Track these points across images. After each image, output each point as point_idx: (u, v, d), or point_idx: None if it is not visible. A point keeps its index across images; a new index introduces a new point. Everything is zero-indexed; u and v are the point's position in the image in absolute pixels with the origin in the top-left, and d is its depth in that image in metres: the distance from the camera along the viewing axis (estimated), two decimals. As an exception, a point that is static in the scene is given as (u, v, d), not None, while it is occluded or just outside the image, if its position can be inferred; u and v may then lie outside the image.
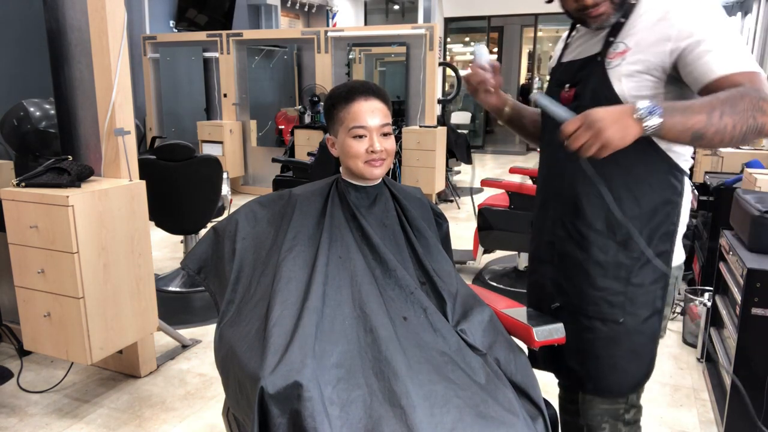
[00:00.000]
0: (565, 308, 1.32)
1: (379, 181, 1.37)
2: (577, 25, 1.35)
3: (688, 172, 1.24)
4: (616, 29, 1.20)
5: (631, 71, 1.16)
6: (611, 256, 1.23)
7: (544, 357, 1.41)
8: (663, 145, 1.19)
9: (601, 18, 1.20)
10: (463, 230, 4.85)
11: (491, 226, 3.44)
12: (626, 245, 1.22)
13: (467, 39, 12.72)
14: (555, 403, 1.30)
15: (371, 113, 1.28)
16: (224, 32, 6.23)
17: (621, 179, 1.20)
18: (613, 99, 1.16)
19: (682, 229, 1.26)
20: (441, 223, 1.50)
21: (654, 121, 0.98)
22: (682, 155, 1.22)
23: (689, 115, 0.99)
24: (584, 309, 1.28)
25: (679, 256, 1.29)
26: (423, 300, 1.25)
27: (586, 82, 1.22)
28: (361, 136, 1.28)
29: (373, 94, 1.30)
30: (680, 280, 1.33)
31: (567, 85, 1.27)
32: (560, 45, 1.42)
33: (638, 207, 1.21)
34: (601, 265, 1.24)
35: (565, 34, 1.41)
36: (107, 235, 2.13)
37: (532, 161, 8.75)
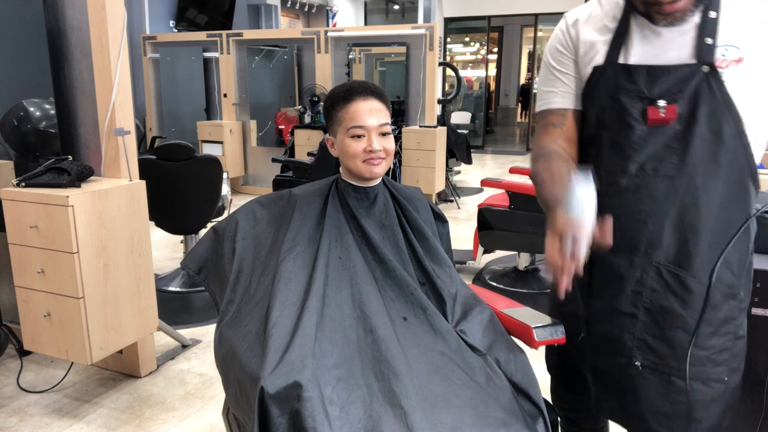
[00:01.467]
0: (651, 368, 1.13)
1: (379, 181, 1.37)
2: (632, 21, 1.08)
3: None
4: (710, 27, 0.98)
5: (754, 86, 0.95)
6: (724, 313, 1.07)
7: (611, 408, 1.24)
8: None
9: (676, 15, 0.97)
10: (463, 230, 4.85)
11: (491, 226, 3.44)
12: (735, 296, 1.08)
13: (467, 39, 12.72)
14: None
15: (369, 113, 1.27)
16: (224, 32, 6.23)
17: (727, 222, 1.02)
18: (737, 125, 0.97)
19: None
20: (441, 223, 1.50)
21: None
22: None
23: None
24: (683, 370, 1.09)
25: None
26: (423, 300, 1.25)
27: (695, 100, 0.99)
28: (359, 136, 1.27)
29: (372, 94, 1.29)
30: None
31: (663, 102, 1.01)
32: (601, 38, 1.11)
33: (742, 252, 1.06)
34: (711, 323, 1.07)
35: (610, 27, 1.11)
36: (107, 235, 2.13)
37: (532, 161, 8.73)
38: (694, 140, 1.01)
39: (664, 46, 1.04)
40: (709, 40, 0.97)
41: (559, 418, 1.38)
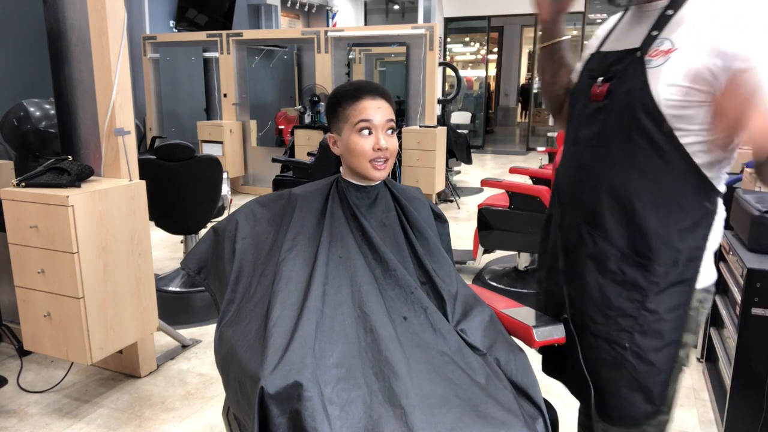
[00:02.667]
0: (573, 321, 1.24)
1: (380, 181, 1.37)
2: (628, 10, 1.21)
3: (724, 190, 1.13)
4: (661, 22, 1.08)
5: (674, 77, 1.03)
6: (629, 276, 1.13)
7: (554, 365, 1.35)
8: (709, 171, 1.08)
9: None
10: (463, 230, 4.85)
11: (491, 226, 3.44)
12: (646, 266, 1.12)
13: (467, 39, 12.72)
14: (555, 404, 1.29)
15: (377, 110, 1.28)
16: (224, 32, 6.23)
17: (651, 197, 1.10)
18: (648, 105, 1.05)
19: (711, 249, 1.15)
20: (441, 223, 1.50)
21: None
22: (722, 177, 1.12)
23: None
24: (591, 326, 1.20)
25: (707, 276, 1.16)
26: (423, 300, 1.25)
27: (621, 79, 1.10)
28: (369, 132, 1.27)
29: (380, 94, 1.30)
30: (708, 302, 1.19)
31: (600, 79, 1.15)
32: (603, 30, 1.28)
33: (664, 227, 1.10)
34: (617, 283, 1.15)
35: (615, 17, 1.26)
36: (107, 235, 2.13)
37: (532, 161, 8.75)
38: (611, 113, 1.12)
39: (628, 36, 1.16)
40: (654, 32, 1.08)
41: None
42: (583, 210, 1.19)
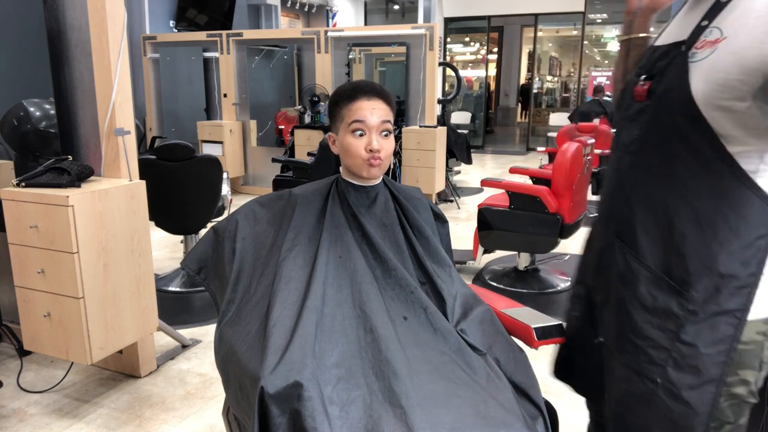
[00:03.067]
0: (605, 346, 1.13)
1: (380, 180, 1.37)
2: (684, 7, 1.08)
3: None
4: (715, 10, 0.95)
5: (719, 70, 0.89)
6: (661, 302, 1.00)
7: (567, 370, 1.29)
8: (748, 165, 0.92)
9: None
10: (463, 230, 4.85)
11: (491, 226, 3.44)
12: (681, 293, 0.98)
13: (467, 39, 12.72)
14: (555, 404, 1.29)
15: (371, 111, 1.27)
16: (224, 32, 6.23)
17: (692, 212, 0.96)
18: (687, 105, 0.93)
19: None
20: (441, 223, 1.50)
21: None
22: None
23: None
24: (620, 355, 1.07)
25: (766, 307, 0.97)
26: (423, 299, 1.25)
27: (663, 76, 0.98)
28: (361, 134, 1.27)
29: (377, 95, 1.30)
30: None
31: (644, 77, 1.03)
32: (668, 23, 1.14)
33: (706, 248, 0.95)
34: (647, 309, 1.01)
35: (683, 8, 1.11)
36: (107, 235, 2.13)
37: (532, 161, 8.75)
38: (652, 115, 1.01)
39: (680, 27, 1.03)
40: (704, 22, 0.95)
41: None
42: (617, 223, 1.07)
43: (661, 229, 1.00)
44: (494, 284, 3.63)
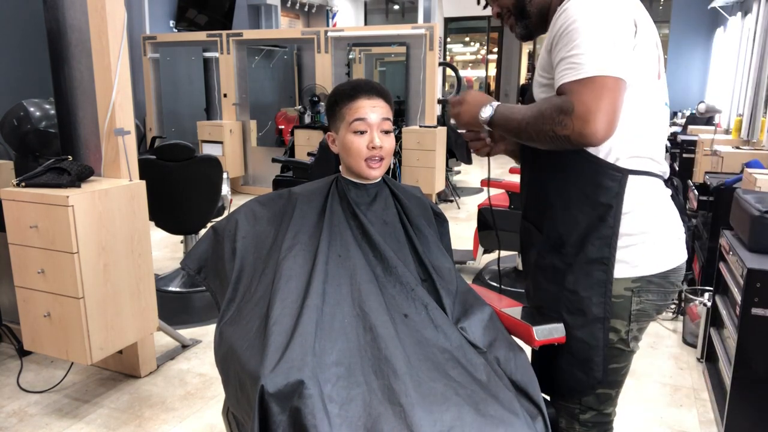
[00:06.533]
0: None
1: (379, 179, 1.37)
2: None
3: (631, 167, 1.14)
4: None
5: (540, 83, 1.20)
6: (548, 260, 1.25)
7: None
8: (594, 149, 1.13)
9: (515, 31, 1.32)
10: (463, 230, 4.85)
11: (491, 226, 3.44)
12: (557, 249, 1.22)
13: (467, 39, 12.72)
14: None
15: (372, 109, 1.29)
16: (224, 32, 6.23)
17: (554, 183, 1.21)
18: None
19: (650, 232, 1.16)
20: (441, 222, 1.50)
21: (486, 112, 1.17)
22: (626, 154, 1.13)
23: (510, 117, 1.14)
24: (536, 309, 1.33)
25: (643, 264, 1.17)
26: (424, 297, 1.25)
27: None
28: (362, 132, 1.28)
29: (377, 93, 1.31)
30: (644, 292, 1.19)
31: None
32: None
33: (567, 210, 1.19)
34: (541, 268, 1.27)
35: None
36: (107, 235, 2.13)
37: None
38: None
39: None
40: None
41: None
42: (523, 205, 1.37)
43: (541, 203, 1.26)
44: (494, 284, 3.63)
